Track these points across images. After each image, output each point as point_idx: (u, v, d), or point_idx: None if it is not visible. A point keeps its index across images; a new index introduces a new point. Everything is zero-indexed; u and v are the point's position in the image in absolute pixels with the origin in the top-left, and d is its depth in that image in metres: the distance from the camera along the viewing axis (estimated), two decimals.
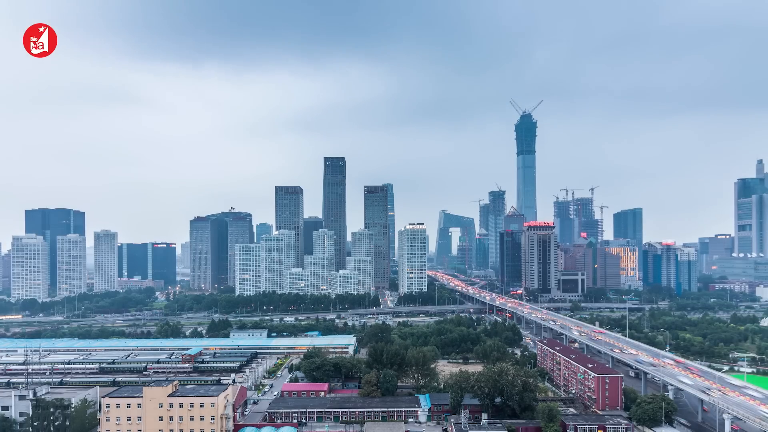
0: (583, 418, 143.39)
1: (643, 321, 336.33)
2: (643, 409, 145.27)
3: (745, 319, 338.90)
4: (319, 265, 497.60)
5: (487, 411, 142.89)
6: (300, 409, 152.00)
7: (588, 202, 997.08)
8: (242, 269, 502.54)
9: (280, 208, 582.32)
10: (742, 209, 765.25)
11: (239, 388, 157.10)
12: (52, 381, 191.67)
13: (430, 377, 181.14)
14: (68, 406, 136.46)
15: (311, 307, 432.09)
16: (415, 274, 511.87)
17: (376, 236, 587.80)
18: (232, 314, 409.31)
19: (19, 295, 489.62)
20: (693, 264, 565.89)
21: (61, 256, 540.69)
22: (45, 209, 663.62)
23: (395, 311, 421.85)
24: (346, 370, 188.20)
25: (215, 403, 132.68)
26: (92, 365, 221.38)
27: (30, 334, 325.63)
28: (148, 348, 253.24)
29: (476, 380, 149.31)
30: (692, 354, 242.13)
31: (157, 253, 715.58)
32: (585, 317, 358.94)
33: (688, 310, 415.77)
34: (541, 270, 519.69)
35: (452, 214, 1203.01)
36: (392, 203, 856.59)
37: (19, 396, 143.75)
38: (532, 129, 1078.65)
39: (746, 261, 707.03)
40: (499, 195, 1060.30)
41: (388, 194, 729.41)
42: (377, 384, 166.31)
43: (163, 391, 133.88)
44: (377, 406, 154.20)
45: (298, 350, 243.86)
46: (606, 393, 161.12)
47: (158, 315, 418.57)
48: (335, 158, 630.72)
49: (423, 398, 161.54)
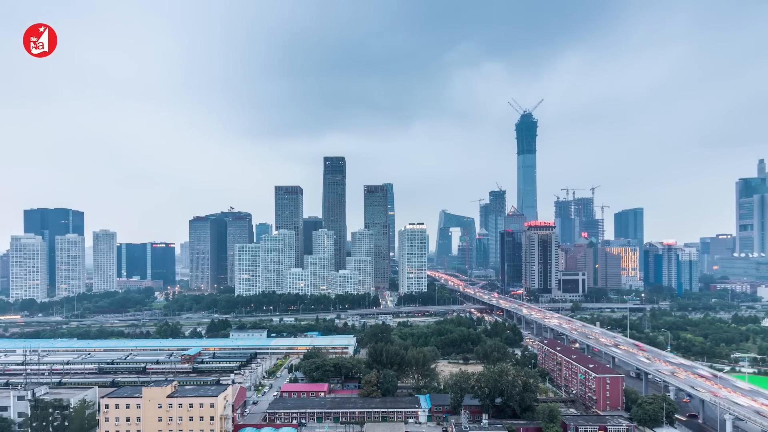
0: (584, 419, 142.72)
1: (644, 321, 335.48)
2: (644, 409, 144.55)
3: (746, 320, 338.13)
4: (319, 265, 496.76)
5: (488, 411, 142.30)
6: (300, 409, 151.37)
7: (589, 201, 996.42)
8: (242, 269, 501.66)
9: (279, 207, 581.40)
10: (743, 209, 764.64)
11: (239, 389, 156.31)
12: (51, 381, 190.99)
13: (430, 377, 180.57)
14: (67, 406, 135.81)
15: (311, 308, 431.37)
16: (415, 274, 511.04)
17: (376, 236, 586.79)
18: (231, 314, 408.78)
19: (18, 296, 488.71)
20: (694, 264, 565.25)
21: (59, 256, 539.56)
22: (44, 209, 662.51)
23: (395, 311, 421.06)
24: (345, 371, 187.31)
25: (215, 404, 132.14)
26: (91, 365, 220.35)
27: (29, 335, 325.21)
28: (147, 348, 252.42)
29: (476, 381, 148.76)
30: (693, 354, 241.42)
31: (156, 253, 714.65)
32: (586, 317, 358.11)
33: (689, 310, 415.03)
34: (542, 270, 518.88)
35: (452, 213, 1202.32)
36: (392, 203, 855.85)
37: (17, 396, 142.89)
38: (533, 128, 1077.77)
39: (748, 261, 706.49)
40: (500, 195, 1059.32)
41: (388, 194, 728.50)
42: (377, 384, 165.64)
43: (163, 391, 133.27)
44: (377, 406, 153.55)
45: (298, 350, 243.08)
46: (607, 393, 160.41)
47: (157, 315, 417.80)
48: (335, 158, 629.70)
49: (423, 399, 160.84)
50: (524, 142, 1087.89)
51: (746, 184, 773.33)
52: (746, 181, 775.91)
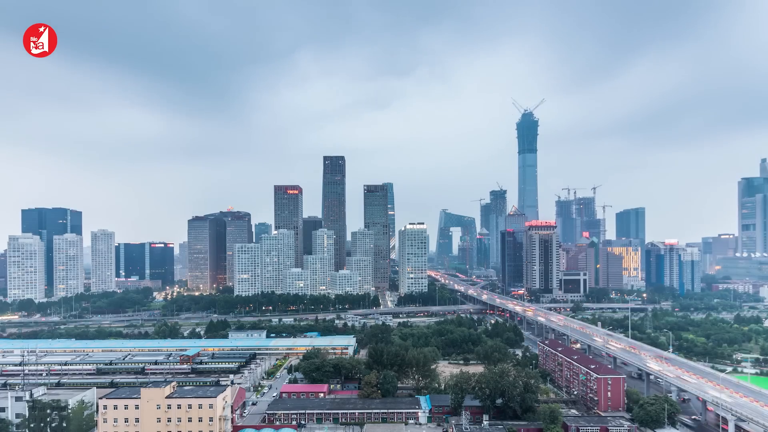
0: (585, 420, 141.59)
1: (645, 321, 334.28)
2: (645, 410, 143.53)
3: (748, 320, 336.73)
4: (319, 265, 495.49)
5: (488, 412, 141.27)
6: (299, 410, 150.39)
7: (590, 201, 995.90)
8: (241, 269, 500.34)
9: (279, 207, 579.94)
10: (746, 208, 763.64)
11: (238, 390, 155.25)
12: (49, 382, 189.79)
13: (430, 378, 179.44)
14: (65, 407, 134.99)
15: (310, 308, 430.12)
16: (416, 274, 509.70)
17: (376, 236, 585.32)
18: (230, 315, 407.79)
19: (16, 296, 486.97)
20: (696, 264, 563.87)
21: (57, 256, 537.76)
22: (41, 209, 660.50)
23: (395, 311, 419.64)
24: (345, 371, 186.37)
25: (213, 405, 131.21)
26: (89, 366, 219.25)
27: (27, 335, 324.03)
28: (145, 349, 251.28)
29: (477, 381, 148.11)
30: (695, 355, 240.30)
31: (154, 253, 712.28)
32: (587, 318, 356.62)
33: (691, 310, 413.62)
34: (543, 270, 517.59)
35: (453, 213, 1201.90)
36: (392, 202, 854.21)
37: (15, 397, 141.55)
38: (534, 128, 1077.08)
39: (750, 261, 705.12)
40: (501, 194, 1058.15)
41: (388, 193, 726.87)
42: (377, 385, 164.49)
43: (161, 392, 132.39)
44: (377, 407, 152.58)
45: (298, 351, 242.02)
46: (608, 394, 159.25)
47: (156, 315, 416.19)
48: (335, 157, 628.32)
49: (423, 399, 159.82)
50: (525, 141, 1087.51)
51: (749, 183, 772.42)
52: (749, 181, 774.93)
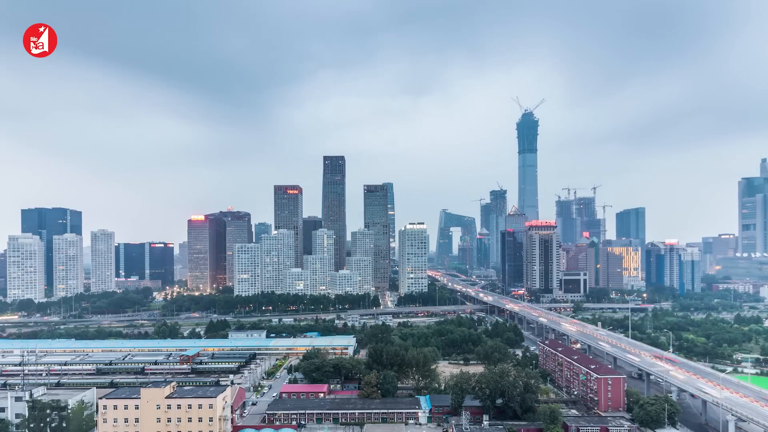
0: (586, 420, 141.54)
1: (645, 321, 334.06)
2: (645, 410, 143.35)
3: (749, 320, 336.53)
4: (319, 265, 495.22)
5: (489, 412, 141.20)
6: (299, 410, 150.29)
7: (590, 201, 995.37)
8: (241, 269, 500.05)
9: (278, 207, 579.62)
10: (746, 208, 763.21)
11: (238, 390, 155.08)
12: (49, 382, 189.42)
13: (430, 378, 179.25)
14: (65, 407, 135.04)
15: (310, 308, 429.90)
16: (416, 274, 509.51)
17: (376, 236, 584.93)
18: (230, 315, 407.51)
19: (16, 296, 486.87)
20: (696, 264, 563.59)
21: (57, 256, 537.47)
22: (41, 209, 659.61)
23: (395, 312, 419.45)
24: (345, 371, 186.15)
25: (213, 405, 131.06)
26: (89, 366, 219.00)
27: (26, 335, 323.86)
28: (145, 349, 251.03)
29: (477, 381, 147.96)
30: (696, 355, 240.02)
31: (154, 253, 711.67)
32: (587, 318, 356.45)
33: (691, 310, 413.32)
34: (543, 270, 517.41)
35: (453, 213, 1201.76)
36: (392, 202, 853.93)
37: (15, 397, 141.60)
38: (534, 127, 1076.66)
39: (750, 261, 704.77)
40: (501, 194, 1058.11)
41: (388, 193, 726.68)
42: (377, 385, 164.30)
43: (161, 392, 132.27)
44: (377, 407, 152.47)
45: (297, 351, 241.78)
46: (609, 394, 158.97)
47: (156, 315, 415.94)
48: (335, 157, 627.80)
49: (423, 399, 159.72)
50: (525, 141, 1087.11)
51: (749, 183, 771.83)
52: (749, 181, 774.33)
